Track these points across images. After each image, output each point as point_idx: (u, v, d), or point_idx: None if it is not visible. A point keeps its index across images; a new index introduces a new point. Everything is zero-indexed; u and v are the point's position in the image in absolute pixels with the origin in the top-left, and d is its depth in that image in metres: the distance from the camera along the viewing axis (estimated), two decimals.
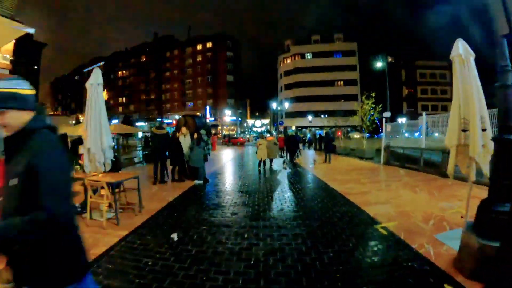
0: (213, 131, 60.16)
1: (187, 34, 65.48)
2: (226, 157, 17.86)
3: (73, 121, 23.66)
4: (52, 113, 66.83)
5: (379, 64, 13.67)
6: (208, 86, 58.34)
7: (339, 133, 41.66)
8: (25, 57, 68.03)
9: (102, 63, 77.90)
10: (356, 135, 42.58)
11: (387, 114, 12.65)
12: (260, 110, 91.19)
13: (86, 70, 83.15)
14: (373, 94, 15.29)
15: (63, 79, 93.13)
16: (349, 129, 46.03)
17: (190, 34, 65.05)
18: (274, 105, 28.42)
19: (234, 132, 59.79)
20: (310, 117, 40.73)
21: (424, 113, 10.55)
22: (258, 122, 78.24)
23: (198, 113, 32.18)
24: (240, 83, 63.15)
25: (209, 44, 58.19)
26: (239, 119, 63.46)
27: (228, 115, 35.24)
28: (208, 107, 28.45)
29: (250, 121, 78.02)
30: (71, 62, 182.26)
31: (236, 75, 59.91)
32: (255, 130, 76.39)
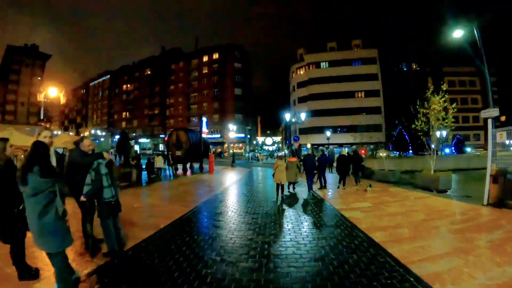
0: (219, 150, 55.14)
1: (195, 46, 62.52)
2: (225, 183, 12.38)
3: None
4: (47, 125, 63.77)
5: (458, 34, 7.89)
6: (215, 100, 53.98)
7: (362, 151, 35.52)
8: (30, 68, 67.31)
9: (107, 76, 76.26)
10: (382, 153, 36.30)
11: (492, 111, 6.87)
12: (271, 128, 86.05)
13: (92, 83, 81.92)
14: (444, 87, 9.59)
15: (70, 93, 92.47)
16: (371, 146, 39.86)
17: (198, 46, 62.06)
18: (287, 116, 22.68)
19: (242, 150, 54.46)
20: (328, 133, 35.11)
21: None
22: (269, 140, 73.05)
23: (195, 128, 26.96)
24: (249, 96, 58.64)
25: (215, 55, 54.44)
26: (248, 136, 58.33)
27: (233, 130, 29.61)
28: (204, 119, 23.44)
29: (260, 139, 72.80)
30: (82, 76, 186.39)
31: (245, 88, 55.45)
32: (266, 149, 71.07)
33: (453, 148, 37.32)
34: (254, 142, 65.25)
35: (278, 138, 72.55)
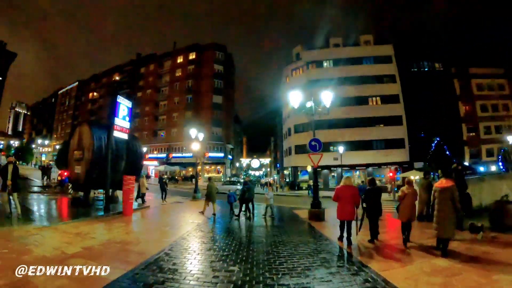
0: (191, 173, 42.83)
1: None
2: None
3: None
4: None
5: None
6: (187, 108, 43.22)
7: (390, 175, 24.47)
8: None
9: (76, 83, 66.65)
10: (415, 176, 25.08)
11: None
12: (259, 151, 74.98)
13: (60, 92, 71.68)
14: None
15: (41, 103, 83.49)
16: (392, 167, 28.83)
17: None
18: (295, 98, 10.89)
19: (221, 174, 42.81)
20: (341, 148, 24.76)
21: None
22: (255, 162, 61.48)
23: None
24: (231, 107, 48.31)
25: (192, 55, 44.59)
26: (229, 156, 46.99)
27: (197, 139, 16.84)
28: (127, 103, 11.69)
29: (245, 161, 61.36)
30: (55, 86, 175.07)
31: (227, 96, 45.20)
32: (252, 174, 59.77)
33: (500, 164, 26.92)
34: (237, 164, 53.73)
35: (266, 160, 61.33)
